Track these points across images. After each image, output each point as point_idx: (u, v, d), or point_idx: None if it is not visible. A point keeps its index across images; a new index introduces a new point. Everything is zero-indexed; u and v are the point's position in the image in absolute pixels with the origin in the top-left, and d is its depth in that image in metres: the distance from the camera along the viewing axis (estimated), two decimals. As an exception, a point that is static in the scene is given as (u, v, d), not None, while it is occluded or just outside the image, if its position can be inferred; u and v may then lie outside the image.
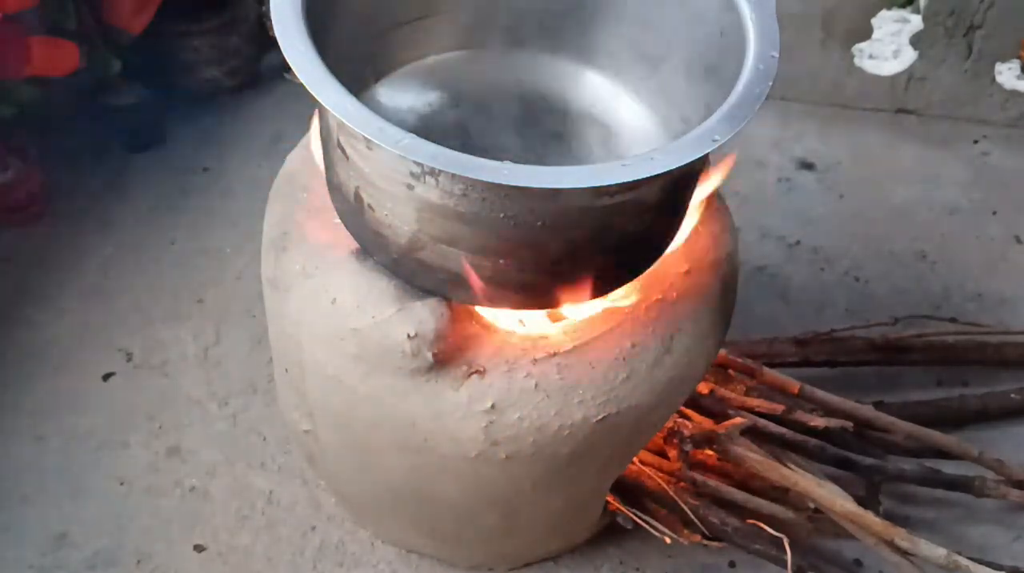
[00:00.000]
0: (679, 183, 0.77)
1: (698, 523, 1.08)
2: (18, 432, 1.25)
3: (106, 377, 1.32)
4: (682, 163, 0.66)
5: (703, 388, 1.15)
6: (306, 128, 1.00)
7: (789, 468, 1.09)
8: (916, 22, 1.70)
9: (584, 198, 0.69)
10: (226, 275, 1.46)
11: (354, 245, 0.84)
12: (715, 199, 0.95)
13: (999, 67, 1.72)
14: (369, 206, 0.75)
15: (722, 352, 1.19)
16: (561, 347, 0.82)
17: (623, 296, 0.86)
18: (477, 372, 0.81)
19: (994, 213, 1.63)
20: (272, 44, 0.98)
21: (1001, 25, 1.64)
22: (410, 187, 0.69)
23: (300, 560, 1.13)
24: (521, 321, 0.90)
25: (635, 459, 1.09)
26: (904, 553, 1.04)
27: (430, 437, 0.84)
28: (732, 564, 1.15)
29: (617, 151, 0.92)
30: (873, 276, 1.51)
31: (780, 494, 1.11)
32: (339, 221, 0.85)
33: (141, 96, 1.59)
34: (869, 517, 1.04)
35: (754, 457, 1.08)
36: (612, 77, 0.95)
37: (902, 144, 1.76)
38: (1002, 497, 1.14)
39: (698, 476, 1.10)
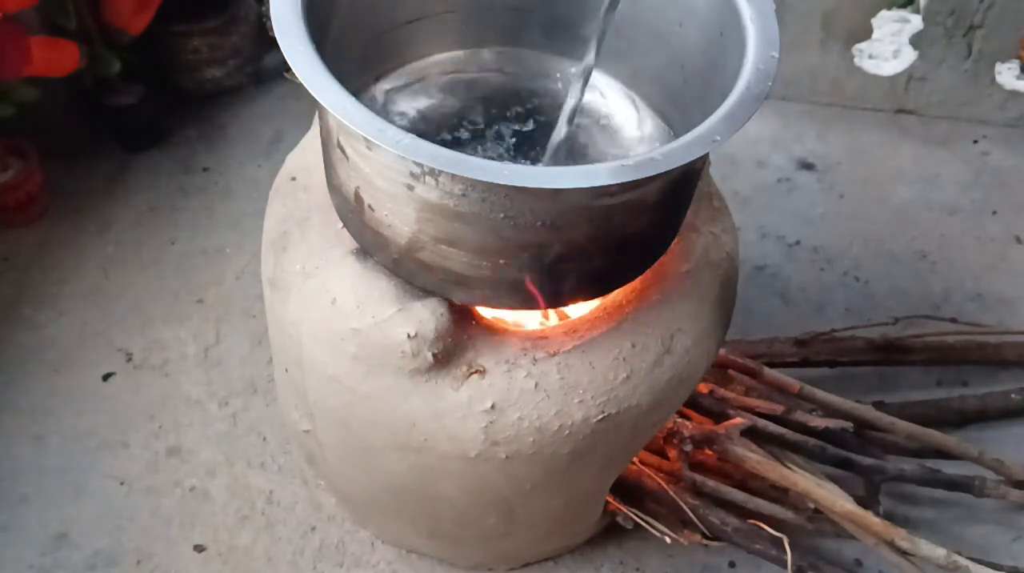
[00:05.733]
0: (679, 183, 0.77)
1: (698, 523, 1.08)
2: (18, 432, 1.25)
3: (106, 377, 1.32)
4: (683, 163, 0.66)
5: (703, 388, 1.15)
6: (306, 128, 1.00)
7: (789, 468, 1.09)
8: (916, 22, 1.70)
9: (584, 198, 0.69)
10: (226, 275, 1.46)
11: (354, 245, 0.84)
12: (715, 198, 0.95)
13: (999, 67, 1.72)
14: (369, 206, 0.75)
15: (722, 352, 1.19)
16: (561, 347, 0.82)
17: (623, 296, 0.86)
18: (477, 372, 0.81)
19: (994, 213, 1.63)
20: (272, 44, 0.98)
21: (1001, 25, 1.64)
22: (410, 187, 0.69)
23: (300, 560, 1.13)
24: (521, 322, 0.90)
25: (635, 459, 1.10)
26: (904, 553, 1.04)
27: (430, 437, 0.84)
28: (732, 564, 1.15)
29: (617, 151, 0.92)
30: (873, 276, 1.51)
31: (780, 494, 1.11)
32: (339, 221, 0.85)
33: (141, 96, 1.59)
34: (869, 517, 1.04)
35: (754, 457, 1.08)
36: (612, 77, 0.95)
37: (902, 144, 1.76)
38: (1002, 497, 1.14)
39: (698, 476, 1.10)
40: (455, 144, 0.90)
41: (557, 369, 0.82)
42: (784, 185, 1.67)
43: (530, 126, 0.93)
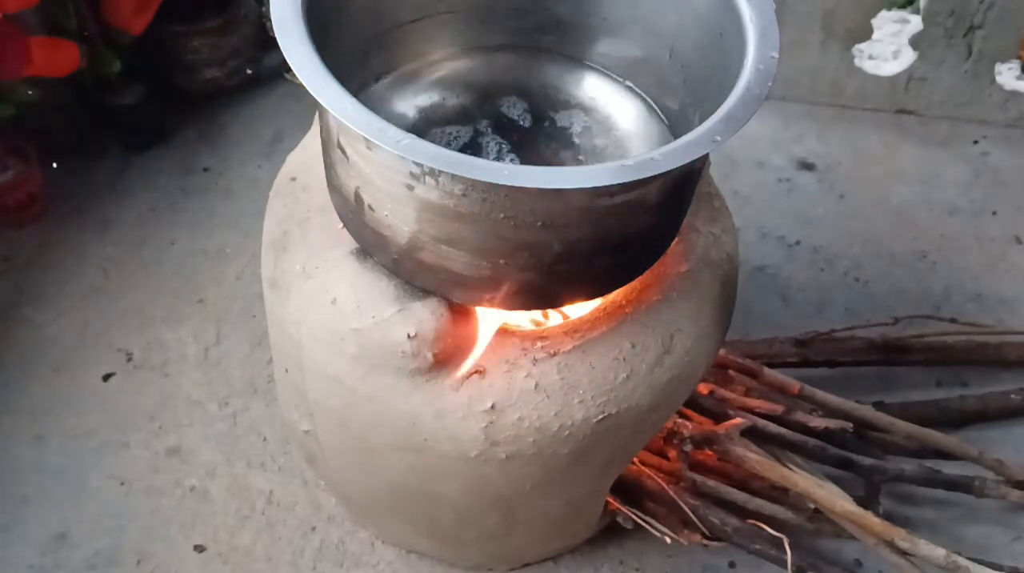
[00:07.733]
0: (679, 183, 0.77)
1: (698, 523, 1.08)
2: (18, 432, 1.25)
3: (106, 377, 1.32)
4: (683, 163, 0.66)
5: (703, 388, 1.15)
6: (306, 128, 1.00)
7: (789, 468, 1.09)
8: (916, 22, 1.70)
9: (584, 198, 0.69)
10: (226, 275, 1.46)
11: (354, 245, 0.84)
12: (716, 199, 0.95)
13: (999, 67, 1.72)
14: (369, 206, 0.75)
15: (722, 352, 1.19)
16: (561, 347, 0.82)
17: (623, 296, 0.86)
18: (477, 372, 0.81)
19: (994, 213, 1.63)
20: (272, 44, 0.98)
21: (1001, 25, 1.64)
22: (410, 187, 0.69)
23: (300, 560, 1.13)
24: (521, 322, 0.90)
25: (635, 459, 1.10)
26: (904, 553, 1.04)
27: (430, 437, 0.84)
28: (732, 564, 1.15)
29: (617, 151, 0.92)
30: (873, 276, 1.51)
31: (780, 494, 1.11)
32: (339, 221, 0.85)
33: (141, 96, 1.59)
34: (869, 517, 1.04)
35: (754, 457, 1.08)
36: (612, 77, 0.95)
37: (902, 144, 1.76)
38: (1002, 497, 1.14)
39: (698, 476, 1.10)
40: (455, 144, 0.90)
41: (557, 369, 0.82)
42: (784, 185, 1.67)
43: (530, 126, 0.93)
